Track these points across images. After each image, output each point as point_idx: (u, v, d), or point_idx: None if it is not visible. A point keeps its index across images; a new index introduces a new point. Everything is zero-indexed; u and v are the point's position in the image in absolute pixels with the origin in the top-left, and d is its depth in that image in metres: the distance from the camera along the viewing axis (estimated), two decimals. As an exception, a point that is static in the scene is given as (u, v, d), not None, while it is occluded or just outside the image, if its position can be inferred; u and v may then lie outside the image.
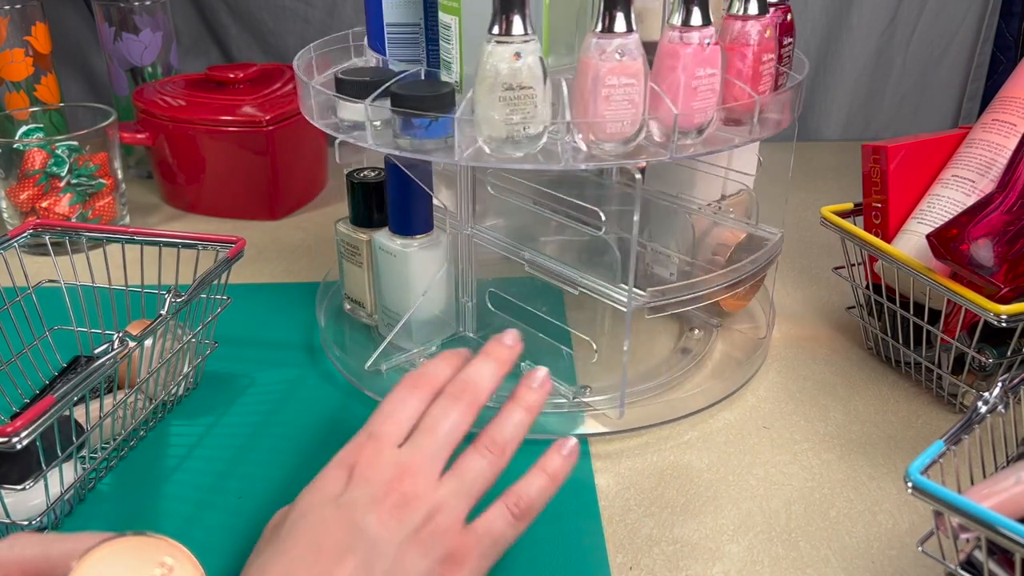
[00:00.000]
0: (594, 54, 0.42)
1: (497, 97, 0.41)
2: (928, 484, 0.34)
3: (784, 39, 0.52)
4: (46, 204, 0.70)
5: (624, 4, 0.41)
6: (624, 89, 0.42)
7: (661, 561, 0.42)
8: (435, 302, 0.56)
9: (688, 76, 0.44)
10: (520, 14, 0.40)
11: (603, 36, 0.41)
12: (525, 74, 0.41)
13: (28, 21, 0.76)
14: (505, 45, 0.41)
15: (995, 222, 0.47)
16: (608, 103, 0.42)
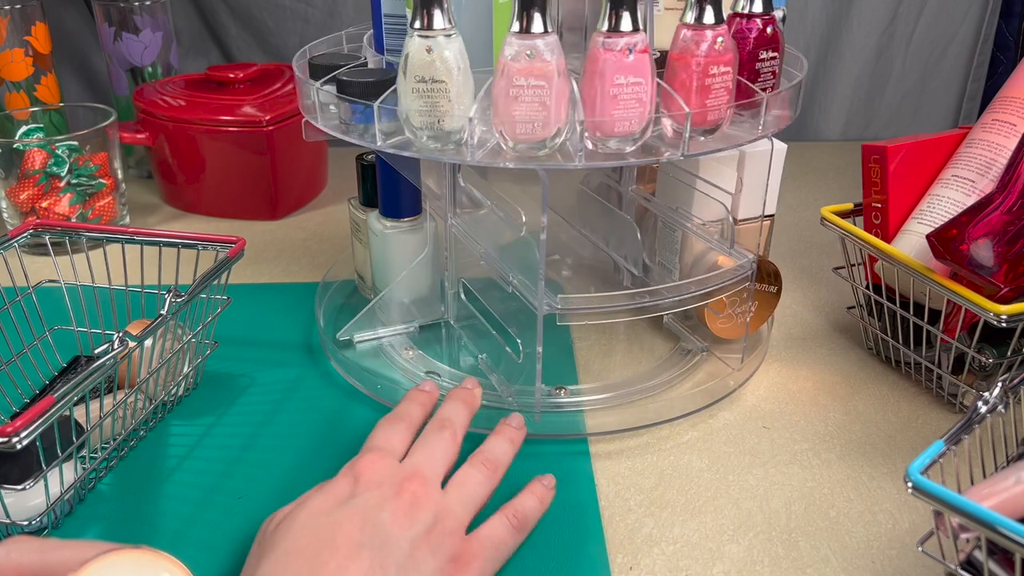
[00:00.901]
0: (507, 54, 0.41)
1: (411, 88, 0.42)
2: (928, 484, 0.34)
3: (761, 52, 0.48)
4: (46, 204, 0.70)
5: (540, 4, 0.41)
6: (534, 91, 0.41)
7: (661, 561, 0.42)
8: (417, 285, 0.58)
9: (607, 83, 0.42)
10: (439, 8, 0.41)
11: (522, 37, 0.41)
12: (438, 67, 0.42)
13: (28, 21, 0.76)
14: (421, 39, 0.42)
15: (995, 222, 0.47)
16: (517, 103, 0.42)
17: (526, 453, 0.48)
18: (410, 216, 0.57)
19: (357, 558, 0.34)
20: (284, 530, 0.36)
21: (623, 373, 0.56)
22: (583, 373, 0.56)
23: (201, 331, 0.52)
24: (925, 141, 0.55)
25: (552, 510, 0.44)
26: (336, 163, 0.89)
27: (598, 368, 0.56)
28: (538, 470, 0.47)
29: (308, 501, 0.37)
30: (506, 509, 0.41)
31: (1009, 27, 0.95)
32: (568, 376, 0.55)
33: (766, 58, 0.48)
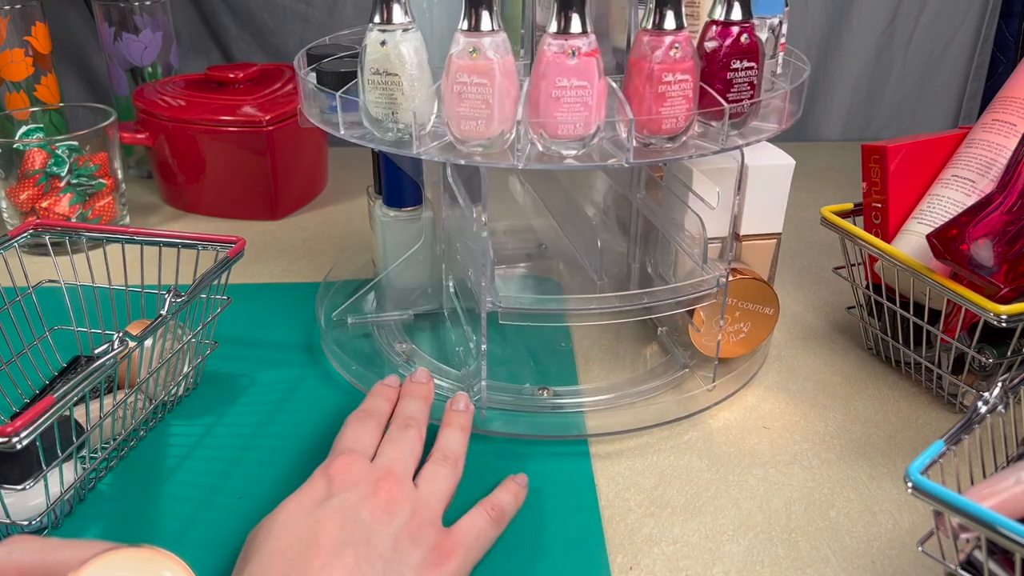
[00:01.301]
0: (453, 50, 0.42)
1: (367, 80, 0.43)
2: (928, 484, 0.34)
3: (733, 62, 0.46)
4: (46, 204, 0.70)
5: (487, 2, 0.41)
6: (476, 88, 0.41)
7: (661, 561, 0.42)
8: (413, 273, 0.59)
9: (550, 84, 0.42)
10: (397, 2, 0.42)
11: (468, 34, 0.41)
12: (392, 60, 0.42)
13: (28, 21, 0.76)
14: (371, 31, 0.43)
15: (995, 222, 0.47)
16: (460, 100, 0.42)
17: (527, 454, 0.48)
18: (411, 206, 0.58)
19: (342, 555, 0.35)
20: (264, 533, 0.36)
21: (623, 374, 0.56)
22: (583, 374, 0.56)
23: (201, 331, 0.52)
24: (925, 141, 0.55)
25: (552, 510, 0.44)
26: (336, 163, 0.88)
27: (598, 369, 0.56)
28: (538, 471, 0.47)
29: (285, 505, 0.38)
30: (484, 503, 0.42)
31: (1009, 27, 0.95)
32: (568, 377, 0.55)
33: (740, 68, 0.46)
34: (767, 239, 0.55)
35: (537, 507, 0.45)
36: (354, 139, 0.46)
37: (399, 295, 0.60)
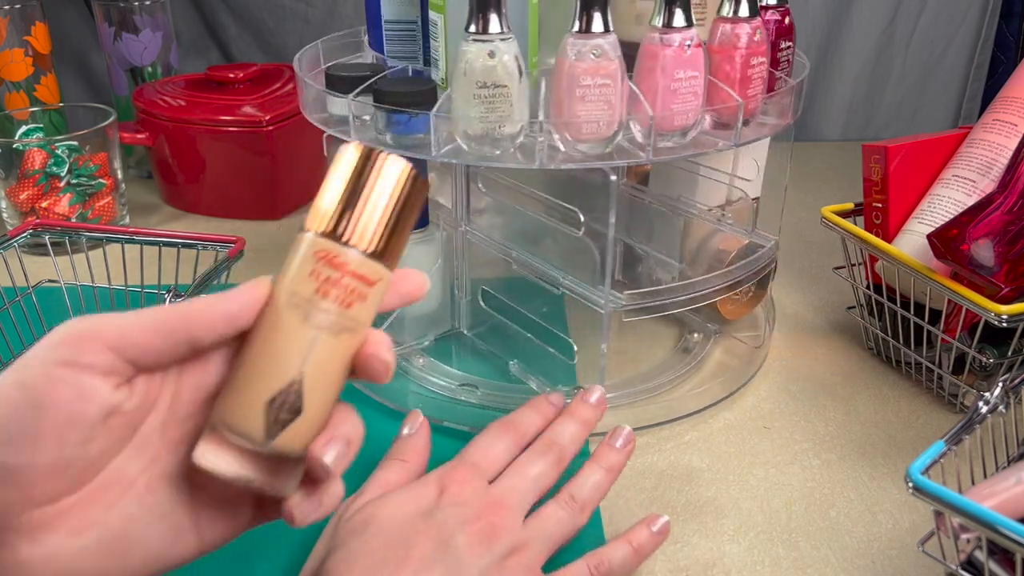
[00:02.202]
0: (570, 54, 0.42)
1: (472, 95, 0.42)
2: (929, 484, 0.34)
3: (781, 42, 0.50)
4: (46, 204, 0.70)
5: (601, 4, 0.41)
6: (600, 89, 0.42)
7: (662, 561, 0.42)
8: (429, 298, 0.57)
9: (667, 78, 0.43)
10: (496, 12, 0.41)
11: (580, 36, 0.41)
12: (500, 72, 0.41)
13: (28, 21, 0.76)
14: (481, 43, 0.41)
15: (996, 222, 0.47)
16: (583, 103, 0.42)
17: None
18: (419, 229, 0.55)
19: (428, 572, 0.33)
20: (362, 524, 0.35)
21: (623, 374, 0.56)
22: (583, 374, 0.56)
23: (201, 331, 0.51)
24: (925, 141, 0.55)
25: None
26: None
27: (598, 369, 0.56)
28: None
29: (391, 500, 0.36)
30: (591, 557, 0.38)
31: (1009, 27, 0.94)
32: (567, 377, 0.55)
33: (785, 47, 0.49)
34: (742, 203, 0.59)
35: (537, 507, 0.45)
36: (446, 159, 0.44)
37: (415, 323, 0.58)
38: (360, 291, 0.26)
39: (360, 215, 0.26)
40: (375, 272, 0.26)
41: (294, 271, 0.26)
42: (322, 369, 0.26)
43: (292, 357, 0.25)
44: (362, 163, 0.26)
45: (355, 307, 0.26)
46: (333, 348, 0.26)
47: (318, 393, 0.26)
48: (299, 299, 0.25)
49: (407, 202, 0.27)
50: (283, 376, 0.25)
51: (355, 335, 0.26)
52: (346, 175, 0.26)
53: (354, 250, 0.26)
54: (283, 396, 0.25)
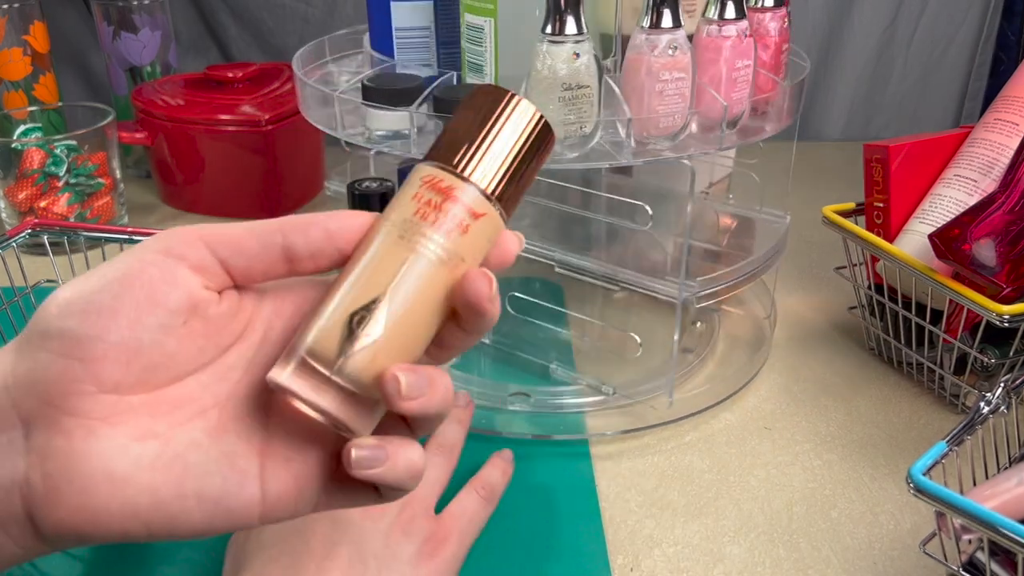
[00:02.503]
0: (645, 50, 0.42)
1: (556, 98, 0.42)
2: (930, 485, 0.33)
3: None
4: (44, 204, 0.70)
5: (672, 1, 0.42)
6: (676, 84, 0.43)
7: (662, 562, 0.42)
8: None
9: (729, 68, 0.45)
10: (574, 13, 0.41)
11: (653, 32, 0.42)
12: (583, 73, 0.42)
13: (26, 20, 0.76)
14: (561, 45, 0.41)
15: (997, 222, 0.46)
16: (661, 98, 0.43)
17: (528, 455, 0.48)
18: None
19: (335, 556, 0.34)
20: (256, 543, 0.35)
21: (624, 374, 0.56)
22: (584, 374, 0.56)
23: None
24: (927, 140, 0.54)
25: (553, 511, 0.44)
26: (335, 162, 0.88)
27: (599, 369, 0.56)
28: (539, 471, 0.47)
29: None
30: (473, 483, 0.42)
31: (1011, 26, 0.94)
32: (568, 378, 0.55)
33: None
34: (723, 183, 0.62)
35: (537, 508, 0.45)
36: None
37: None
38: (463, 221, 0.24)
39: (481, 151, 0.25)
40: (481, 205, 0.24)
41: (399, 194, 0.25)
42: (410, 293, 0.23)
43: (380, 275, 0.23)
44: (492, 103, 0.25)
45: (454, 236, 0.24)
46: (426, 274, 0.24)
47: (403, 319, 0.23)
48: (399, 220, 0.24)
49: (533, 149, 0.26)
50: (367, 294, 0.23)
51: (454, 268, 0.24)
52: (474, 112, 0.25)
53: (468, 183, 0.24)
54: (364, 312, 0.23)
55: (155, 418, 0.23)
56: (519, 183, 0.26)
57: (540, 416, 0.51)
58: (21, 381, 0.22)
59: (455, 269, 0.24)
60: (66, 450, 0.22)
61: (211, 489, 0.23)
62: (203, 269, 0.24)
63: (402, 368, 0.23)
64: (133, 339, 0.22)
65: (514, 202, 0.26)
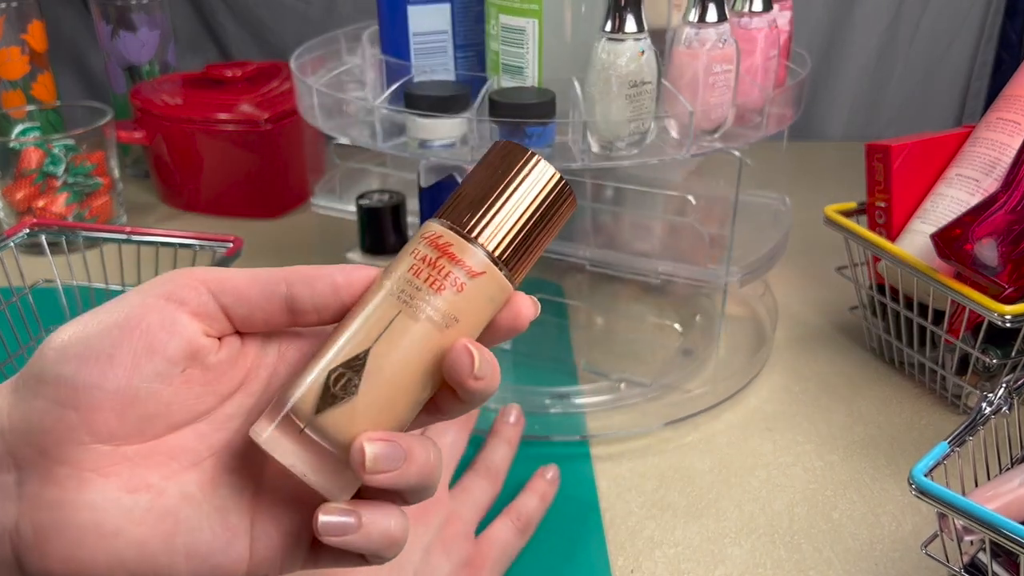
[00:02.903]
0: (696, 44, 0.43)
1: (624, 95, 0.42)
2: (932, 486, 0.33)
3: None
4: (42, 203, 0.70)
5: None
6: (725, 76, 0.44)
7: (663, 564, 0.42)
8: None
9: (764, 58, 0.46)
10: (635, 10, 0.41)
11: (700, 26, 0.43)
12: (646, 70, 0.42)
13: (24, 19, 0.76)
14: (624, 42, 0.41)
15: (999, 221, 0.46)
16: (713, 90, 0.44)
17: (527, 456, 0.48)
18: None
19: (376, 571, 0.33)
20: None
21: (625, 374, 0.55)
22: (584, 374, 0.55)
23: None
24: (929, 140, 0.54)
25: (553, 512, 0.44)
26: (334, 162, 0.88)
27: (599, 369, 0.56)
28: (538, 472, 0.46)
29: None
30: (510, 512, 0.41)
31: (1013, 25, 0.94)
32: (568, 377, 0.55)
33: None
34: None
35: (537, 509, 0.44)
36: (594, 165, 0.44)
37: None
38: (458, 279, 0.23)
39: (491, 212, 0.24)
40: (480, 264, 0.23)
41: (403, 250, 0.24)
42: (394, 352, 0.22)
43: (367, 333, 0.23)
44: (508, 161, 0.24)
45: (447, 295, 0.23)
46: (414, 335, 0.23)
47: (383, 379, 0.22)
48: (395, 275, 0.23)
49: (548, 212, 0.24)
50: (351, 351, 0.23)
51: (443, 330, 0.23)
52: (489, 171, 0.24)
53: (471, 244, 0.23)
54: (342, 370, 0.22)
55: (149, 469, 0.23)
56: (529, 246, 0.24)
57: (540, 416, 0.51)
58: (16, 427, 0.22)
59: (447, 330, 0.23)
60: (57, 501, 0.22)
61: (200, 546, 0.23)
62: (204, 315, 0.23)
63: (375, 437, 0.22)
64: (130, 388, 0.22)
65: (525, 265, 0.25)
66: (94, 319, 0.23)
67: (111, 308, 0.23)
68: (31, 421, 0.22)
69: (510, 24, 0.45)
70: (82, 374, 0.22)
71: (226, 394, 0.24)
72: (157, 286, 0.23)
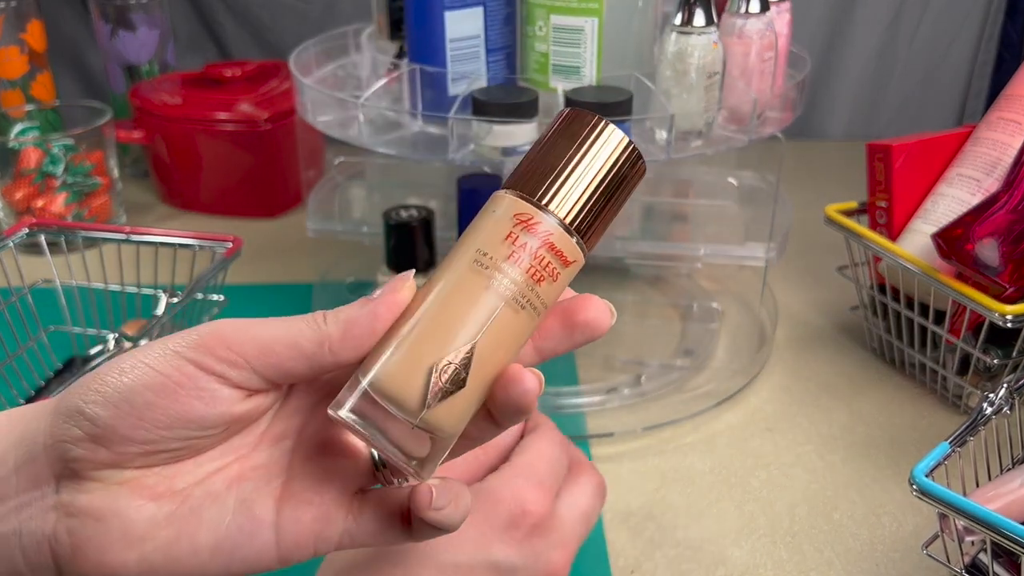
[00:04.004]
0: (748, 33, 0.44)
1: (704, 87, 0.43)
2: (933, 486, 0.33)
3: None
4: (42, 203, 0.70)
5: None
6: (769, 63, 0.45)
7: (663, 565, 0.41)
8: None
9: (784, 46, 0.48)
10: (705, 4, 0.43)
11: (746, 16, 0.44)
12: (716, 59, 0.43)
13: (23, 18, 0.76)
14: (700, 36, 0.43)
15: (1000, 221, 0.46)
16: (762, 77, 0.45)
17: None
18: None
19: None
20: None
21: (625, 374, 0.55)
22: (584, 374, 0.55)
23: (198, 332, 0.51)
24: (930, 140, 0.54)
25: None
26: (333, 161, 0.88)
27: (599, 369, 0.56)
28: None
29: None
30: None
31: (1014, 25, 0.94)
32: (568, 377, 0.55)
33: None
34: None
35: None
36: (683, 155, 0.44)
37: None
38: (553, 268, 0.23)
39: (566, 182, 0.23)
40: (572, 251, 0.23)
41: (488, 230, 0.23)
42: (496, 344, 0.23)
43: (468, 323, 0.22)
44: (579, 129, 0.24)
45: (544, 284, 0.23)
46: (512, 324, 0.23)
47: (486, 369, 0.23)
48: (489, 262, 0.23)
49: (620, 180, 0.24)
50: (453, 341, 0.22)
51: (534, 317, 0.23)
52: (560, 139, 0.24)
53: (552, 217, 0.23)
54: (449, 364, 0.22)
55: (176, 478, 0.24)
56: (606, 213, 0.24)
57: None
58: (54, 446, 0.23)
59: (535, 319, 0.23)
60: (88, 509, 0.23)
61: (225, 542, 0.24)
62: (243, 385, 0.24)
63: (523, 372, 0.23)
64: (162, 441, 0.23)
65: (599, 231, 0.25)
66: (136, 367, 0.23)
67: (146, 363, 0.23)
68: (64, 446, 0.23)
69: (564, 24, 0.44)
70: (116, 421, 0.23)
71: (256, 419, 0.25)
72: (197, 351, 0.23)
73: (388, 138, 0.47)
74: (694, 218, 0.59)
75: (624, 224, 0.59)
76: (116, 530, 0.23)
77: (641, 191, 0.60)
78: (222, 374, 0.23)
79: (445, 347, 0.22)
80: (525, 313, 0.23)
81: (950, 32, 0.95)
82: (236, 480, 0.25)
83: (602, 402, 0.52)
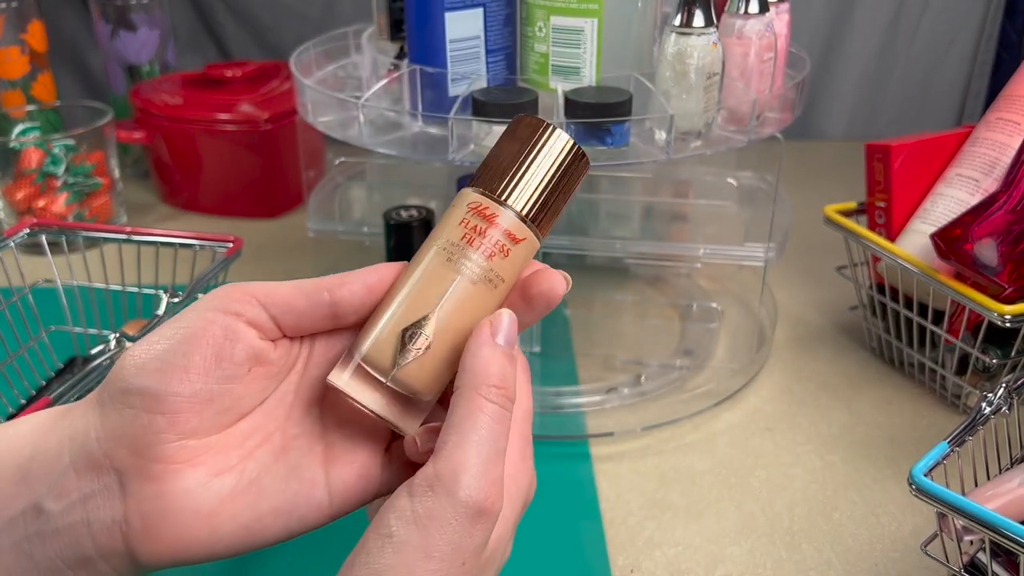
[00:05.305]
0: (747, 34, 0.44)
1: (703, 88, 0.43)
2: (932, 486, 0.33)
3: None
4: (42, 203, 0.70)
5: None
6: (769, 63, 0.45)
7: (663, 564, 0.42)
8: None
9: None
10: (704, 5, 0.43)
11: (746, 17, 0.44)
12: (716, 59, 0.43)
13: (24, 19, 0.76)
14: (699, 36, 0.43)
15: (999, 221, 0.46)
16: (762, 77, 0.45)
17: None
18: None
19: None
20: None
21: (625, 374, 0.55)
22: (584, 373, 0.55)
23: (198, 331, 0.51)
24: (929, 140, 0.54)
25: (553, 512, 0.44)
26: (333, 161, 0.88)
27: (599, 369, 0.56)
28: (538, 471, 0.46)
29: None
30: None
31: (1013, 25, 0.94)
32: (568, 376, 0.55)
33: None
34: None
35: (537, 509, 0.44)
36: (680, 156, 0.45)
37: None
38: (504, 245, 0.27)
39: (520, 178, 0.28)
40: (521, 231, 0.28)
41: (448, 219, 0.28)
42: (456, 312, 0.27)
43: (430, 294, 0.27)
44: (530, 133, 0.28)
45: (496, 260, 0.27)
46: (470, 295, 0.27)
47: (449, 336, 0.27)
48: (447, 244, 0.27)
49: (566, 175, 0.28)
50: (419, 310, 0.27)
51: (493, 290, 0.27)
52: (514, 142, 0.28)
53: (508, 209, 0.27)
54: (415, 328, 0.27)
55: (229, 452, 0.27)
56: (555, 204, 0.28)
57: (540, 416, 0.51)
58: (110, 434, 0.25)
59: (494, 291, 0.27)
60: (158, 493, 0.25)
61: (284, 504, 0.27)
62: (258, 325, 0.27)
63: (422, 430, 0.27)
64: (206, 390, 0.26)
65: (550, 220, 0.29)
66: (161, 336, 0.26)
67: (175, 326, 0.26)
68: (124, 427, 0.25)
69: (564, 25, 0.44)
70: (163, 384, 0.25)
71: (282, 378, 0.28)
72: (212, 301, 0.26)
73: (388, 139, 0.47)
74: (694, 218, 0.59)
75: (624, 224, 0.60)
76: (187, 509, 0.25)
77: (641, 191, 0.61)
78: (238, 312, 0.26)
79: (413, 315, 0.27)
80: (483, 285, 0.27)
81: (949, 32, 0.96)
82: (281, 451, 0.27)
83: (602, 402, 0.52)
